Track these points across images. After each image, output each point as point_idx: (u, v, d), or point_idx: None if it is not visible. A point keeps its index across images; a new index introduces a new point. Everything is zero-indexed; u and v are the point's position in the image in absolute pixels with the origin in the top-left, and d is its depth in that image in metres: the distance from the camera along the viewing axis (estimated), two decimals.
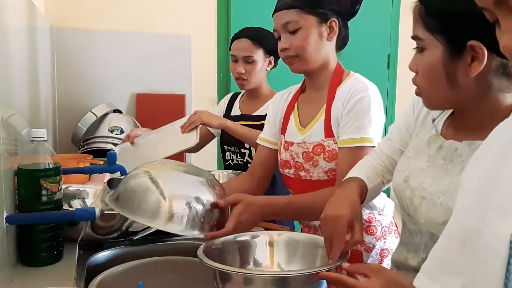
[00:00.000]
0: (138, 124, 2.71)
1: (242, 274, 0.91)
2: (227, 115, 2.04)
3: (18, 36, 1.37)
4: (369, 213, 1.35)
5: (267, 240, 1.09)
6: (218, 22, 3.02)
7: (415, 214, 0.95)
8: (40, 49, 1.95)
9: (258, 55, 1.91)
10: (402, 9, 3.36)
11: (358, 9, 1.34)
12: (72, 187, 1.56)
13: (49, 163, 1.11)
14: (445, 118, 0.99)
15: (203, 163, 2.28)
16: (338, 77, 1.35)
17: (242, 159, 1.95)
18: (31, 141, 1.11)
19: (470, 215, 0.57)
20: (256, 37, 1.91)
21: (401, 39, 3.38)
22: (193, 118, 1.85)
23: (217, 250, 1.03)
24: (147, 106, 2.88)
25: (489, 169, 0.57)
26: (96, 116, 2.60)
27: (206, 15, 3.00)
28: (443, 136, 0.96)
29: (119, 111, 2.76)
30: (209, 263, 0.90)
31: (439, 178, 0.92)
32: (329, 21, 1.30)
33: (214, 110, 2.09)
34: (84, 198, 1.49)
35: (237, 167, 1.95)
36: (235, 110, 2.04)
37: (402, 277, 0.84)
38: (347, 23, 1.37)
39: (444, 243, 0.62)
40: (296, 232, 1.23)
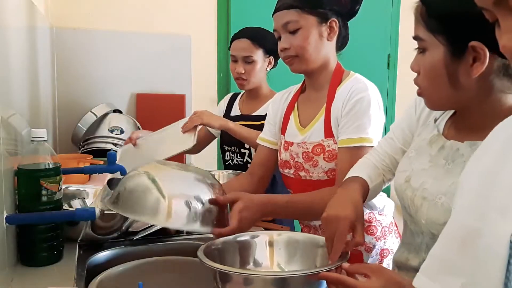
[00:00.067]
0: (138, 124, 2.70)
1: (242, 274, 0.91)
2: (227, 115, 2.04)
3: (18, 36, 1.37)
4: (369, 213, 1.35)
5: (267, 240, 1.09)
6: (218, 22, 3.02)
7: (416, 214, 0.95)
8: (40, 49, 1.95)
9: (258, 55, 1.91)
10: (402, 9, 3.35)
11: (358, 9, 1.34)
12: (72, 187, 1.56)
13: (49, 163, 1.11)
14: (447, 118, 0.99)
15: (203, 163, 2.29)
16: (338, 77, 1.35)
17: (242, 159, 1.95)
18: (31, 141, 1.11)
19: (470, 215, 0.57)
20: (255, 37, 1.91)
21: (401, 39, 3.38)
22: (193, 118, 1.84)
23: (217, 250, 1.03)
24: (147, 106, 2.88)
25: (489, 169, 0.57)
26: (96, 116, 2.60)
27: (206, 15, 3.00)
28: (445, 136, 0.96)
29: (119, 111, 2.76)
30: (209, 264, 0.90)
31: (441, 178, 0.92)
32: (329, 21, 1.30)
33: (214, 110, 2.09)
34: (84, 198, 1.49)
35: (237, 167, 1.95)
36: (235, 110, 2.04)
37: (402, 277, 0.84)
38: (347, 23, 1.37)
39: (443, 243, 0.62)
40: (296, 232, 1.23)
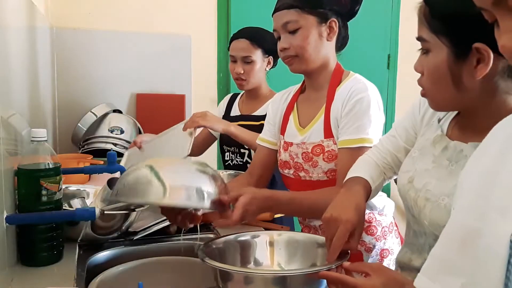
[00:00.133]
0: (138, 124, 2.70)
1: (243, 273, 0.91)
2: (227, 116, 2.04)
3: (18, 36, 1.37)
4: (369, 213, 1.35)
5: (268, 240, 1.09)
6: (218, 22, 3.02)
7: (419, 215, 0.94)
8: (40, 49, 1.95)
9: (257, 55, 1.91)
10: (402, 9, 3.35)
11: (358, 9, 1.34)
12: (72, 187, 1.56)
13: (49, 163, 1.11)
14: (450, 119, 0.98)
15: None
16: (338, 77, 1.35)
17: (242, 159, 1.95)
18: (31, 141, 1.11)
19: (470, 215, 0.57)
20: (254, 37, 1.91)
21: (401, 39, 3.37)
22: (196, 119, 1.77)
23: (217, 250, 1.03)
24: (147, 106, 2.88)
25: (488, 169, 0.57)
26: (96, 116, 2.60)
27: (206, 15, 3.00)
28: (449, 136, 0.95)
29: (119, 111, 2.76)
30: (210, 262, 0.90)
31: (444, 179, 0.91)
32: (329, 21, 1.30)
33: (214, 110, 2.08)
34: (84, 198, 1.49)
35: (236, 167, 1.95)
36: (235, 111, 2.04)
37: (403, 276, 0.84)
38: (347, 24, 1.37)
39: (444, 243, 0.62)
40: (296, 232, 1.23)
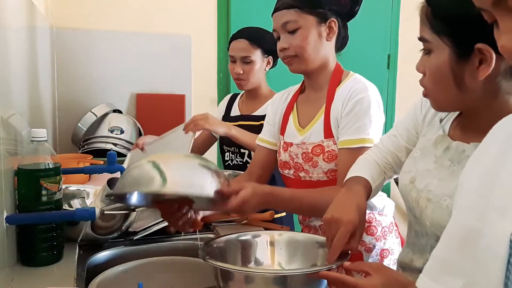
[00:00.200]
0: (138, 124, 2.70)
1: (244, 272, 0.91)
2: (227, 116, 2.04)
3: (18, 36, 1.37)
4: (369, 213, 1.35)
5: (268, 239, 1.09)
6: (218, 22, 3.02)
7: (421, 216, 0.94)
8: (40, 49, 1.95)
9: (256, 55, 1.91)
10: (402, 9, 3.35)
11: (358, 10, 1.34)
12: (72, 187, 1.56)
13: (49, 163, 1.11)
14: (452, 119, 0.98)
15: None
16: (338, 77, 1.35)
17: (242, 159, 1.95)
18: (31, 141, 1.11)
19: (470, 215, 0.57)
20: (253, 37, 1.91)
21: (401, 39, 3.37)
22: (198, 121, 1.74)
23: (218, 249, 1.03)
24: (147, 106, 2.88)
25: (488, 169, 0.57)
26: (96, 116, 2.60)
27: (206, 15, 3.00)
28: (451, 137, 0.94)
29: (119, 111, 2.76)
30: (211, 262, 0.90)
31: (446, 180, 0.90)
32: (328, 21, 1.30)
33: (214, 110, 2.08)
34: (84, 198, 1.49)
35: (236, 167, 1.95)
36: (235, 111, 2.04)
37: (404, 276, 0.84)
38: (347, 24, 1.37)
39: (445, 244, 0.62)
40: (297, 232, 1.23)
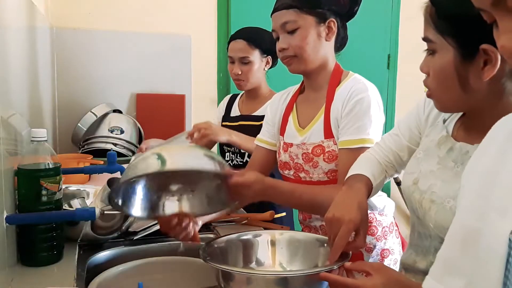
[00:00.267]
0: (138, 124, 2.70)
1: (245, 274, 0.91)
2: (227, 116, 2.04)
3: (18, 36, 1.37)
4: (369, 213, 1.34)
5: (269, 239, 1.09)
6: (218, 22, 3.02)
7: (424, 217, 0.93)
8: (40, 49, 1.95)
9: (254, 56, 1.91)
10: (402, 9, 3.35)
11: (357, 10, 1.34)
12: (72, 187, 1.56)
13: (49, 163, 1.11)
14: (456, 119, 0.97)
15: None
16: (337, 77, 1.34)
17: (242, 160, 1.95)
18: (31, 141, 1.11)
19: (471, 215, 0.57)
20: (251, 37, 1.91)
21: (401, 39, 3.37)
22: (203, 132, 1.68)
23: (219, 249, 1.03)
24: (147, 106, 2.88)
25: (488, 169, 0.57)
26: (96, 116, 2.60)
27: (206, 15, 3.00)
28: (454, 137, 0.93)
29: (119, 111, 2.75)
30: (212, 263, 0.90)
31: (449, 181, 0.89)
32: (327, 21, 1.30)
33: (214, 110, 2.08)
34: (84, 198, 1.49)
35: (236, 167, 1.94)
36: (235, 111, 2.03)
37: (405, 276, 0.83)
38: (346, 24, 1.37)
39: (447, 244, 0.62)
40: (297, 231, 1.23)
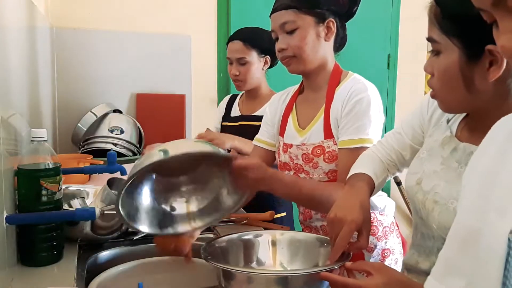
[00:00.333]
0: (138, 124, 2.70)
1: (246, 273, 0.91)
2: (227, 116, 2.04)
3: (18, 36, 1.36)
4: (370, 213, 1.35)
5: (270, 239, 1.09)
6: (218, 22, 3.02)
7: (427, 218, 0.93)
8: (40, 49, 1.95)
9: (252, 56, 1.91)
10: (402, 9, 3.35)
11: (356, 10, 1.34)
12: (72, 187, 1.55)
13: (49, 163, 1.11)
14: (460, 119, 0.96)
15: None
16: (337, 77, 1.34)
17: None
18: (31, 141, 1.11)
19: (471, 216, 0.57)
20: (248, 38, 1.91)
21: (401, 39, 3.37)
22: (215, 141, 1.62)
23: (220, 249, 1.03)
24: (147, 106, 2.88)
25: (488, 169, 0.57)
26: (96, 116, 2.60)
27: (206, 15, 3.00)
28: (458, 138, 0.93)
29: (119, 111, 2.75)
30: (213, 263, 0.91)
31: (453, 182, 0.89)
32: (326, 21, 1.30)
33: (214, 110, 2.08)
34: (84, 198, 1.49)
35: None
36: (235, 111, 2.03)
37: (406, 276, 0.83)
38: (345, 24, 1.37)
39: (448, 245, 0.61)
40: (298, 231, 1.23)
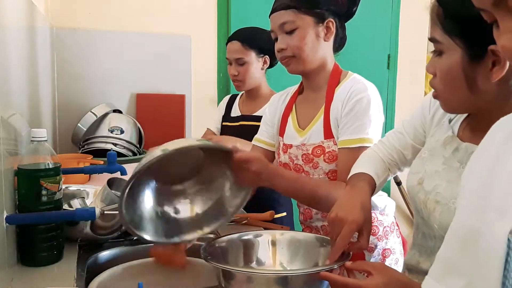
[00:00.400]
0: (138, 124, 2.70)
1: (246, 273, 0.91)
2: (227, 116, 2.04)
3: (18, 36, 1.36)
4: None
5: (270, 239, 1.09)
6: (218, 22, 3.02)
7: (429, 218, 0.93)
8: (40, 49, 1.95)
9: (250, 56, 1.91)
10: (402, 9, 3.35)
11: (355, 10, 1.34)
12: (72, 187, 1.55)
13: (49, 163, 1.11)
14: (462, 119, 0.96)
15: None
16: (336, 77, 1.34)
17: None
18: (31, 141, 1.10)
19: (471, 216, 0.57)
20: (246, 38, 1.91)
21: (401, 39, 3.37)
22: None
23: (220, 249, 1.03)
24: (147, 106, 2.88)
25: (487, 168, 0.57)
26: (96, 116, 2.60)
27: (206, 15, 3.00)
28: (460, 138, 0.93)
29: (119, 111, 2.75)
30: (213, 263, 0.91)
31: (454, 182, 0.89)
32: (326, 21, 1.30)
33: (214, 110, 2.08)
34: (84, 198, 1.49)
35: None
36: (235, 111, 2.03)
37: (406, 277, 0.83)
38: (345, 25, 1.37)
39: (447, 245, 0.61)
40: (298, 231, 1.23)
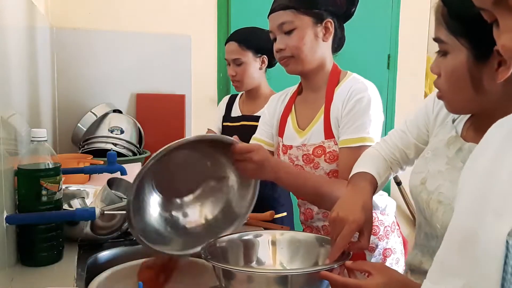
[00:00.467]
0: (138, 124, 2.70)
1: (246, 272, 0.91)
2: (227, 116, 2.04)
3: (18, 36, 1.36)
4: None
5: (270, 239, 1.09)
6: (218, 22, 3.02)
7: (431, 218, 0.92)
8: (40, 49, 1.95)
9: (247, 57, 1.91)
10: (402, 9, 3.35)
11: (354, 11, 1.34)
12: (72, 187, 1.55)
13: (49, 163, 1.11)
14: (465, 119, 0.95)
15: None
16: (335, 77, 1.34)
17: None
18: (31, 141, 1.10)
19: (468, 217, 0.57)
20: (243, 39, 1.92)
21: (401, 39, 3.37)
22: None
23: (220, 249, 1.03)
24: (147, 106, 2.88)
25: (485, 170, 0.57)
26: (96, 116, 2.60)
27: (206, 15, 3.00)
28: (463, 138, 0.92)
29: (119, 111, 2.75)
30: (213, 262, 0.91)
31: (458, 182, 0.89)
32: (324, 21, 1.30)
33: (214, 110, 2.08)
34: (84, 198, 1.49)
35: None
36: (235, 111, 2.03)
37: (405, 276, 0.83)
38: (343, 25, 1.37)
39: (445, 246, 0.61)
40: (298, 231, 1.23)
